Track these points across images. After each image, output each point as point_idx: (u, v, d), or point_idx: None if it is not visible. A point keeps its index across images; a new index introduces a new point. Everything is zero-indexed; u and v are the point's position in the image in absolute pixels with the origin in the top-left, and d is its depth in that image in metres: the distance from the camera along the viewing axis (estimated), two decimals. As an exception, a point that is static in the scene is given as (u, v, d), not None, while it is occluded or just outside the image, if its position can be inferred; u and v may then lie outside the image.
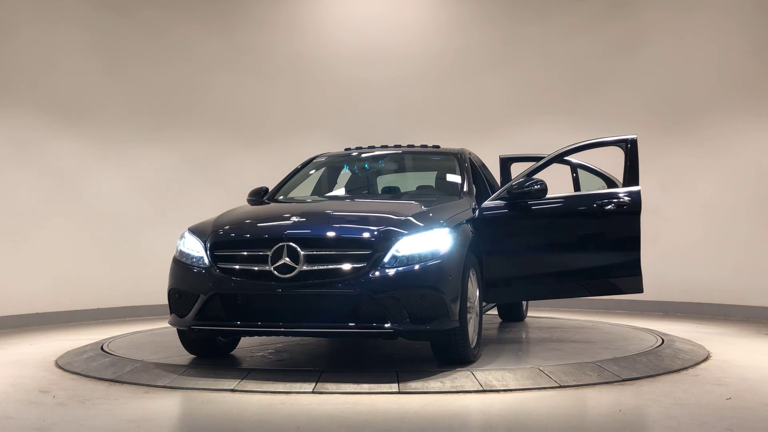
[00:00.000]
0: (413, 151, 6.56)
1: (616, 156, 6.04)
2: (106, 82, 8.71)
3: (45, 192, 8.15)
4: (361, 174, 6.53)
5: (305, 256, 4.41)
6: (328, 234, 4.59)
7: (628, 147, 5.68)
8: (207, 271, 4.63)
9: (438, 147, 6.57)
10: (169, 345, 5.60)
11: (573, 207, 5.69)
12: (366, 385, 4.24)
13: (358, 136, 8.25)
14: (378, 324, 4.35)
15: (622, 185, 5.74)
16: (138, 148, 8.86)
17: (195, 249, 4.77)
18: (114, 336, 6.44)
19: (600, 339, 6.05)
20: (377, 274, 4.37)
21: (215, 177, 9.21)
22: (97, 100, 8.63)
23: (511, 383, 4.32)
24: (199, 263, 4.70)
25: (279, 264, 4.41)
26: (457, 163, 6.03)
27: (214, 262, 4.63)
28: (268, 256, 4.45)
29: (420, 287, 4.42)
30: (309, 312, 4.45)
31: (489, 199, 5.52)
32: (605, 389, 4.33)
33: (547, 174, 5.65)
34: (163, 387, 4.38)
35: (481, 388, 4.23)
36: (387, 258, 4.42)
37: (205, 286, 4.58)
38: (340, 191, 6.30)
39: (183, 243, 4.91)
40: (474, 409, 3.90)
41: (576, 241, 5.60)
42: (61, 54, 8.37)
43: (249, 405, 3.95)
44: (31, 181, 8.05)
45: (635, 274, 5.49)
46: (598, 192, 5.86)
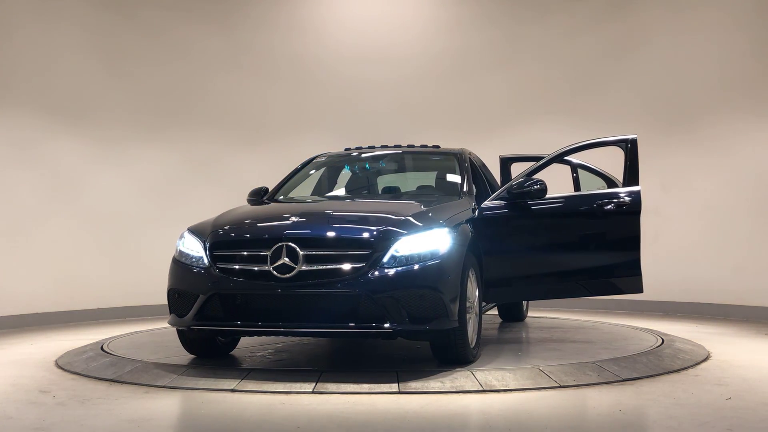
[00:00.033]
0: (413, 151, 6.56)
1: (616, 156, 6.04)
2: (106, 82, 8.71)
3: (45, 192, 8.15)
4: (361, 174, 6.53)
5: (304, 256, 4.41)
6: (327, 234, 4.59)
7: (628, 147, 5.67)
8: (206, 271, 4.63)
9: (438, 147, 6.57)
10: (169, 345, 5.60)
11: (573, 207, 5.69)
12: (366, 385, 4.24)
13: (358, 136, 8.25)
14: (377, 324, 4.35)
15: (622, 185, 5.74)
16: (138, 148, 8.86)
17: (194, 249, 4.77)
18: (114, 336, 6.44)
19: (600, 339, 6.05)
20: (376, 274, 4.37)
21: (215, 177, 9.21)
22: (97, 100, 8.63)
23: (511, 383, 4.32)
24: (199, 263, 4.70)
25: (278, 264, 4.41)
26: (457, 163, 6.02)
27: (213, 262, 4.63)
28: (267, 256, 4.45)
29: (419, 287, 4.42)
30: (308, 312, 4.45)
31: (489, 199, 5.52)
32: (605, 389, 4.33)
33: (547, 174, 5.65)
34: (163, 387, 4.38)
35: (481, 388, 4.23)
36: (386, 258, 4.42)
37: (205, 286, 4.58)
38: (340, 191, 6.30)
39: (182, 243, 4.91)
40: (474, 409, 3.90)
41: (576, 241, 5.59)
42: (61, 54, 8.37)
43: (249, 405, 3.95)
44: (31, 181, 8.05)
45: (635, 274, 5.49)
46: (598, 192, 5.85)
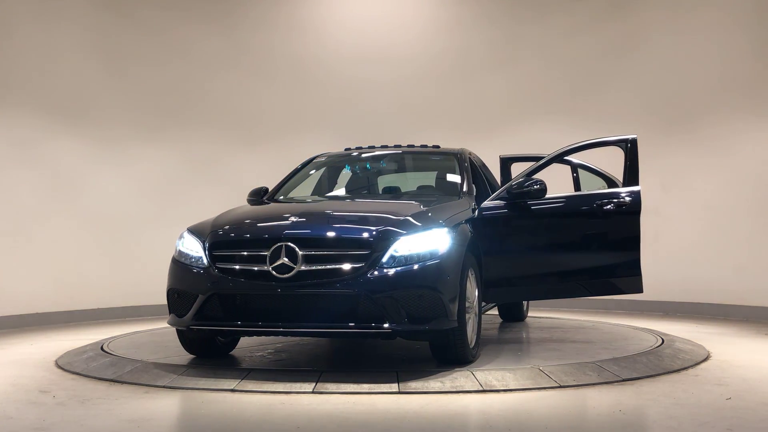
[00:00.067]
0: (413, 151, 6.56)
1: (616, 156, 6.04)
2: (106, 82, 8.71)
3: (45, 192, 8.15)
4: (362, 174, 6.53)
5: (303, 256, 4.41)
6: (326, 234, 4.59)
7: (628, 147, 5.67)
8: (205, 271, 4.63)
9: (438, 147, 6.56)
10: (169, 345, 5.60)
11: (573, 207, 5.69)
12: (366, 385, 4.24)
13: (358, 136, 8.25)
14: (376, 324, 4.35)
15: (622, 185, 5.74)
16: (138, 148, 8.86)
17: (194, 249, 4.77)
18: (114, 336, 6.44)
19: (600, 339, 6.05)
20: (375, 274, 4.36)
21: (215, 177, 9.22)
22: (97, 99, 8.64)
23: (511, 383, 4.32)
24: (198, 263, 4.70)
25: (277, 264, 4.41)
26: (457, 163, 6.02)
27: (212, 262, 4.63)
28: (266, 256, 4.45)
29: (418, 287, 4.42)
30: (307, 312, 4.45)
31: (488, 199, 5.52)
32: (605, 389, 4.33)
33: (547, 174, 5.65)
34: (163, 387, 4.38)
35: (481, 388, 4.23)
36: (385, 258, 4.42)
37: (204, 286, 4.58)
38: (340, 191, 6.29)
39: (182, 243, 4.91)
40: (474, 409, 3.90)
41: (576, 241, 5.59)
42: (61, 54, 8.37)
43: (249, 405, 3.95)
44: (31, 181, 8.05)
45: (635, 274, 5.48)
46: (597, 192, 5.85)
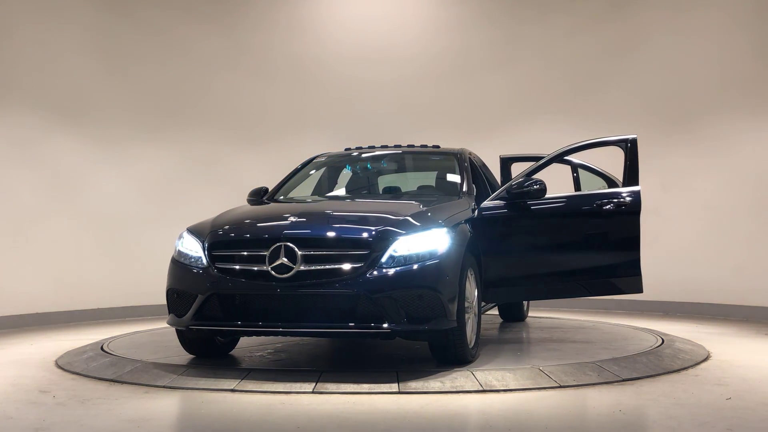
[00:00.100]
0: (413, 151, 6.56)
1: (616, 156, 6.04)
2: (106, 81, 8.72)
3: (45, 192, 8.15)
4: (362, 174, 6.53)
5: (303, 256, 4.41)
6: (325, 234, 4.59)
7: (628, 147, 5.67)
8: (205, 271, 4.62)
9: (438, 147, 6.56)
10: (169, 345, 5.60)
11: (572, 207, 5.68)
12: (366, 385, 4.24)
13: (358, 136, 8.26)
14: (376, 324, 4.35)
15: (622, 185, 5.74)
16: (138, 147, 8.86)
17: (193, 249, 4.77)
18: (114, 336, 6.44)
19: (600, 339, 6.05)
20: (375, 274, 4.36)
21: (215, 177, 9.22)
22: (97, 99, 8.64)
23: (511, 383, 4.32)
24: (198, 263, 4.70)
25: (276, 264, 4.40)
26: (457, 163, 6.02)
27: (212, 262, 4.63)
28: (265, 256, 4.45)
29: (417, 287, 4.41)
30: (307, 312, 4.45)
31: (488, 199, 5.52)
32: (605, 389, 4.33)
33: (547, 174, 5.64)
34: (163, 387, 4.38)
35: (481, 388, 4.23)
36: (384, 258, 4.41)
37: (203, 286, 4.58)
38: (340, 191, 6.29)
39: (181, 243, 4.91)
40: (474, 409, 3.90)
41: (576, 241, 5.59)
42: (62, 53, 8.37)
43: (249, 405, 3.95)
44: (31, 181, 8.05)
45: (635, 274, 5.48)
46: (597, 192, 5.84)
